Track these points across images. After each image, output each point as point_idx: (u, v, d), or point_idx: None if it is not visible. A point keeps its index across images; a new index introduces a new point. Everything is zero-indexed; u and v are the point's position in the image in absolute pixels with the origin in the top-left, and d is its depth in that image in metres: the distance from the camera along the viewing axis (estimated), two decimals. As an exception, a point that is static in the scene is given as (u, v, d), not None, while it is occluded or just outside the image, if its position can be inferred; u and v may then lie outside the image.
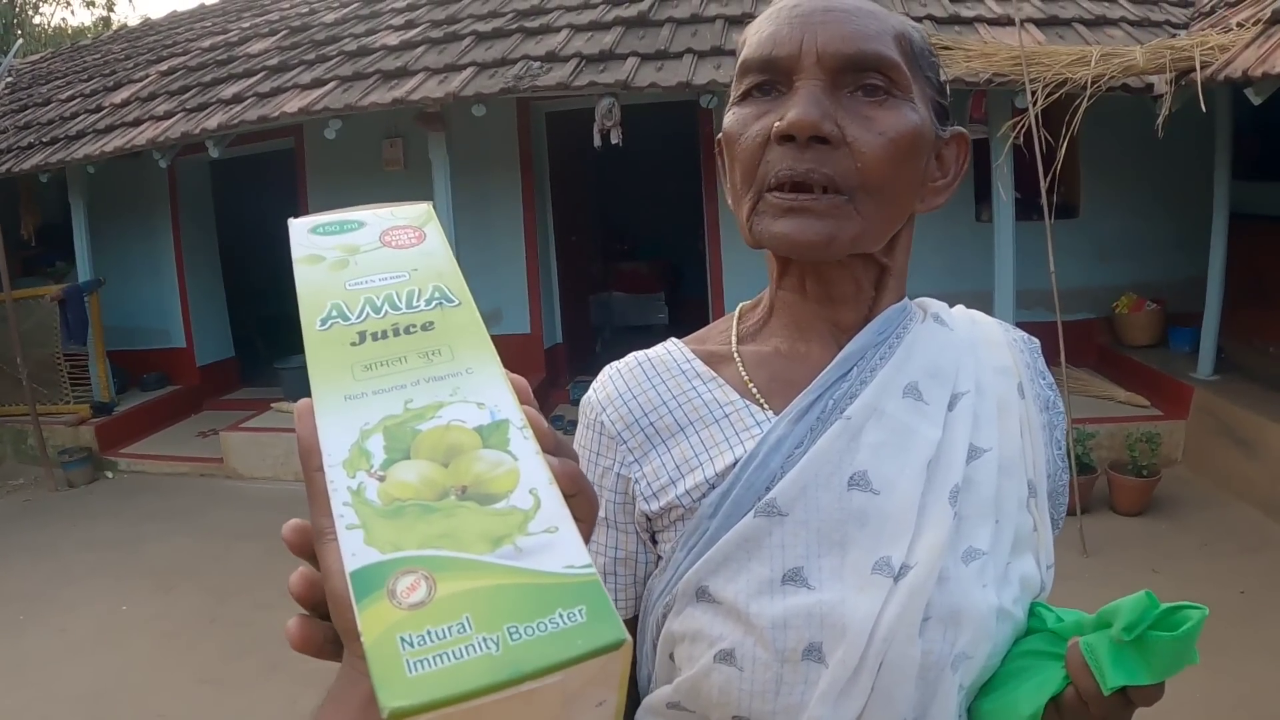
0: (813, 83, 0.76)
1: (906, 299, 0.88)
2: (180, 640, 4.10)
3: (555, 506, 0.37)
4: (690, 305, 8.50)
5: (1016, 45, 4.75)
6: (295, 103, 6.02)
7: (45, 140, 7.18)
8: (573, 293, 7.87)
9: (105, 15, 19.57)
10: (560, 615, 0.33)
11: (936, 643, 0.73)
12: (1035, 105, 4.51)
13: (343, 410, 0.39)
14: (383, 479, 0.37)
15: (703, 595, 0.78)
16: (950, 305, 0.92)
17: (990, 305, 5.54)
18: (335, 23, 7.63)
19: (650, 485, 0.83)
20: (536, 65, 5.76)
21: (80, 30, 18.76)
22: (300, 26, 7.85)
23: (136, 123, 6.77)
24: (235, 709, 3.56)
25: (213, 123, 6.18)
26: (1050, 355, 1.15)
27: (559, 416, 6.43)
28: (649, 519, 0.84)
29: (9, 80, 9.72)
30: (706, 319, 3.13)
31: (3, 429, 7.29)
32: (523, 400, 0.41)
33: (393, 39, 6.69)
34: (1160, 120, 4.63)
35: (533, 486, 0.37)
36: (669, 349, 0.90)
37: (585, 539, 0.37)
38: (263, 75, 6.77)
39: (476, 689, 0.31)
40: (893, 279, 0.85)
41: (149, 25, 11.12)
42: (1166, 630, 0.66)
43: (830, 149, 0.75)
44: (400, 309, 0.43)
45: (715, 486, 0.80)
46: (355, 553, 0.35)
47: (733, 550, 0.77)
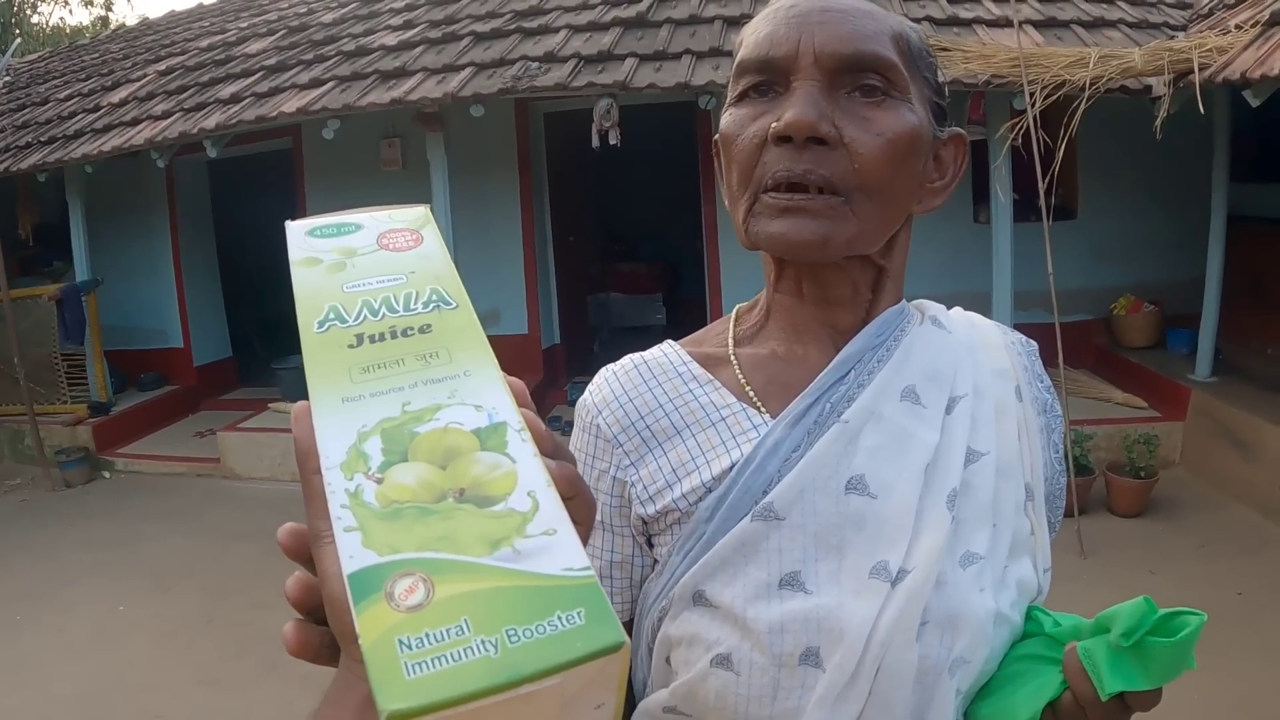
0: (810, 83, 0.75)
1: (904, 301, 0.87)
2: (178, 640, 4.10)
3: (553, 509, 0.37)
4: (688, 306, 8.50)
5: (1015, 47, 4.76)
6: (293, 103, 6.01)
7: (43, 140, 7.17)
8: (571, 293, 7.87)
9: (103, 15, 19.58)
10: (559, 618, 0.33)
11: (934, 647, 0.73)
12: (1033, 107, 4.51)
13: (340, 413, 0.39)
14: (380, 481, 0.37)
15: (699, 599, 0.77)
16: (948, 307, 0.92)
17: (988, 306, 5.54)
18: (333, 23, 7.62)
19: (646, 489, 0.83)
20: (535, 66, 5.76)
21: (78, 29, 18.74)
22: (298, 26, 7.85)
23: (134, 122, 6.76)
24: (233, 709, 3.55)
25: (210, 122, 6.17)
26: (1048, 357, 1.15)
27: (556, 417, 6.42)
28: (645, 522, 0.84)
29: (7, 80, 9.72)
30: (705, 320, 3.13)
31: (0, 429, 7.28)
32: (520, 403, 0.41)
33: (391, 39, 6.69)
34: (1158, 122, 4.64)
35: (531, 489, 0.37)
36: (665, 351, 0.89)
37: (583, 542, 0.36)
38: (261, 75, 6.76)
39: (475, 691, 0.31)
40: (890, 281, 0.84)
41: (147, 25, 11.11)
42: (1165, 636, 0.66)
43: (827, 150, 0.74)
44: (398, 311, 0.43)
45: (712, 490, 0.80)
46: (353, 555, 0.35)
47: (730, 554, 0.76)
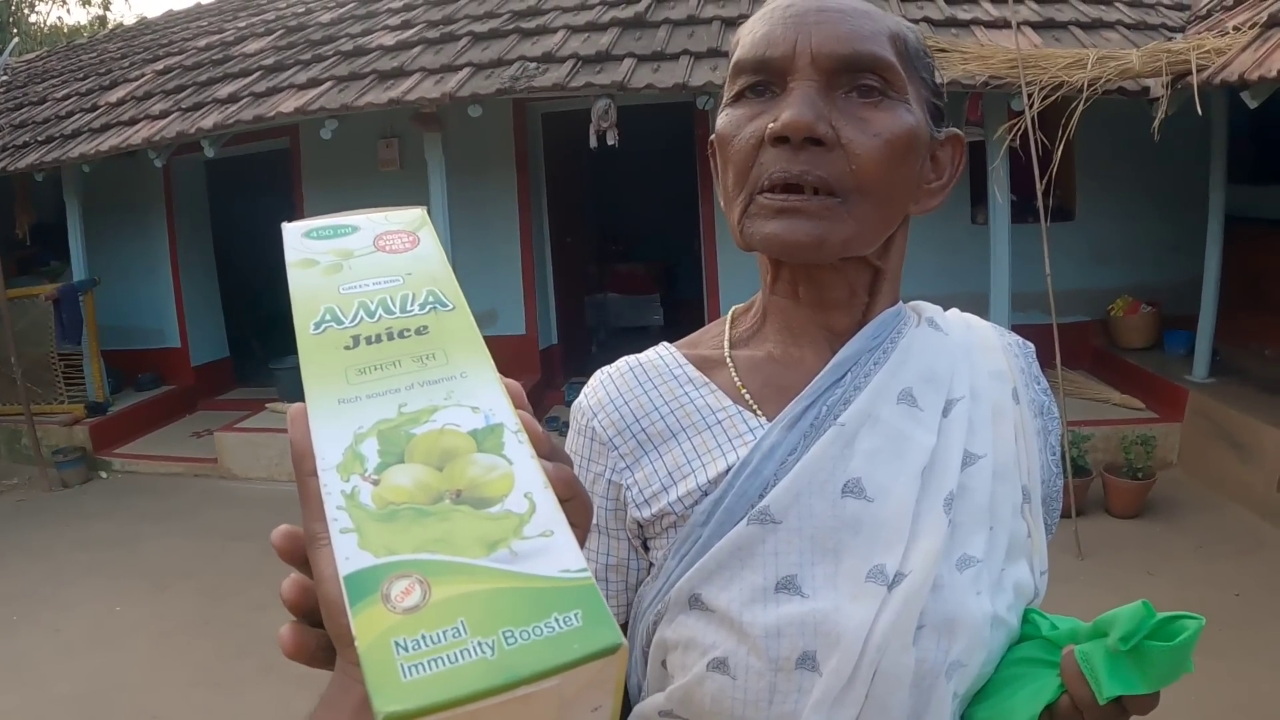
0: (807, 84, 0.75)
1: (901, 303, 0.86)
2: (175, 641, 4.09)
3: (550, 510, 0.37)
4: (686, 307, 8.50)
5: (1013, 48, 4.76)
6: (291, 102, 6.01)
7: (40, 139, 7.16)
8: (568, 294, 7.86)
9: (101, 14, 19.57)
10: (556, 619, 0.33)
11: (931, 651, 0.72)
12: (1031, 108, 4.52)
13: (336, 414, 0.39)
14: (377, 483, 0.37)
15: (695, 603, 0.77)
16: (945, 308, 0.92)
17: (986, 308, 5.55)
18: (331, 23, 7.62)
19: (642, 492, 0.83)
20: (533, 66, 5.76)
21: (76, 29, 18.72)
22: (296, 26, 7.84)
23: (132, 122, 6.75)
24: (230, 710, 3.55)
25: (208, 122, 6.17)
26: (1045, 358, 1.15)
27: (554, 418, 6.42)
28: (640, 526, 0.84)
29: (4, 79, 9.71)
30: (702, 320, 3.13)
31: (-3, 429, 7.28)
32: (517, 404, 0.41)
33: (389, 39, 6.69)
34: (1156, 123, 4.64)
35: (528, 490, 0.37)
36: (660, 354, 0.89)
37: (580, 544, 0.36)
38: (258, 75, 6.76)
39: (472, 693, 0.31)
40: (887, 282, 0.84)
41: (145, 24, 11.10)
42: (1163, 640, 0.66)
43: (824, 151, 0.74)
44: (394, 313, 0.43)
45: (708, 494, 0.79)
46: (349, 557, 0.34)
47: (726, 558, 0.76)
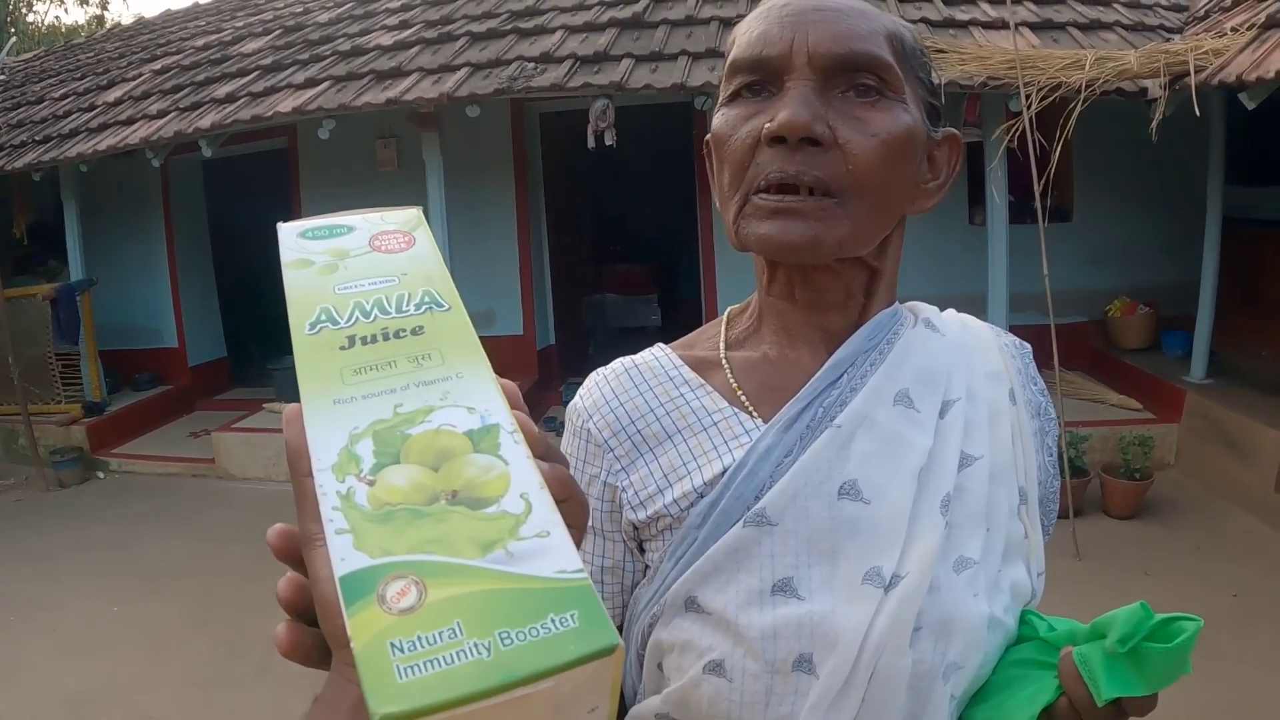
0: (804, 83, 0.74)
1: (897, 304, 0.86)
2: (171, 642, 4.08)
3: (546, 511, 0.36)
4: (684, 307, 8.51)
5: (1011, 49, 4.76)
6: (289, 102, 6.00)
7: (38, 139, 7.15)
8: (566, 294, 7.86)
9: (99, 13, 19.55)
10: (552, 620, 0.33)
11: (928, 653, 0.72)
12: (1029, 109, 4.52)
13: (332, 414, 0.39)
14: (372, 483, 0.36)
15: (691, 605, 0.77)
16: (943, 309, 0.91)
17: (983, 308, 5.55)
18: (329, 22, 7.62)
19: (637, 494, 0.82)
20: (531, 66, 5.76)
21: (74, 28, 18.70)
22: (294, 26, 7.84)
23: (130, 121, 6.75)
24: (226, 711, 3.54)
25: (206, 122, 6.16)
26: (1043, 358, 1.14)
27: (551, 418, 6.42)
28: (636, 528, 0.83)
29: (2, 78, 9.69)
30: (700, 321, 3.13)
31: (-6, 428, 7.26)
32: (513, 405, 0.40)
33: (387, 39, 6.69)
34: (1154, 124, 4.65)
35: (524, 491, 0.37)
36: (656, 355, 0.88)
37: (577, 545, 0.36)
38: (256, 75, 6.75)
39: (468, 695, 0.31)
40: (883, 283, 0.83)
41: (143, 24, 11.10)
42: (1161, 641, 0.66)
43: (821, 151, 0.73)
44: (390, 313, 0.43)
45: (703, 496, 0.79)
46: (344, 558, 0.34)
47: (722, 560, 0.76)
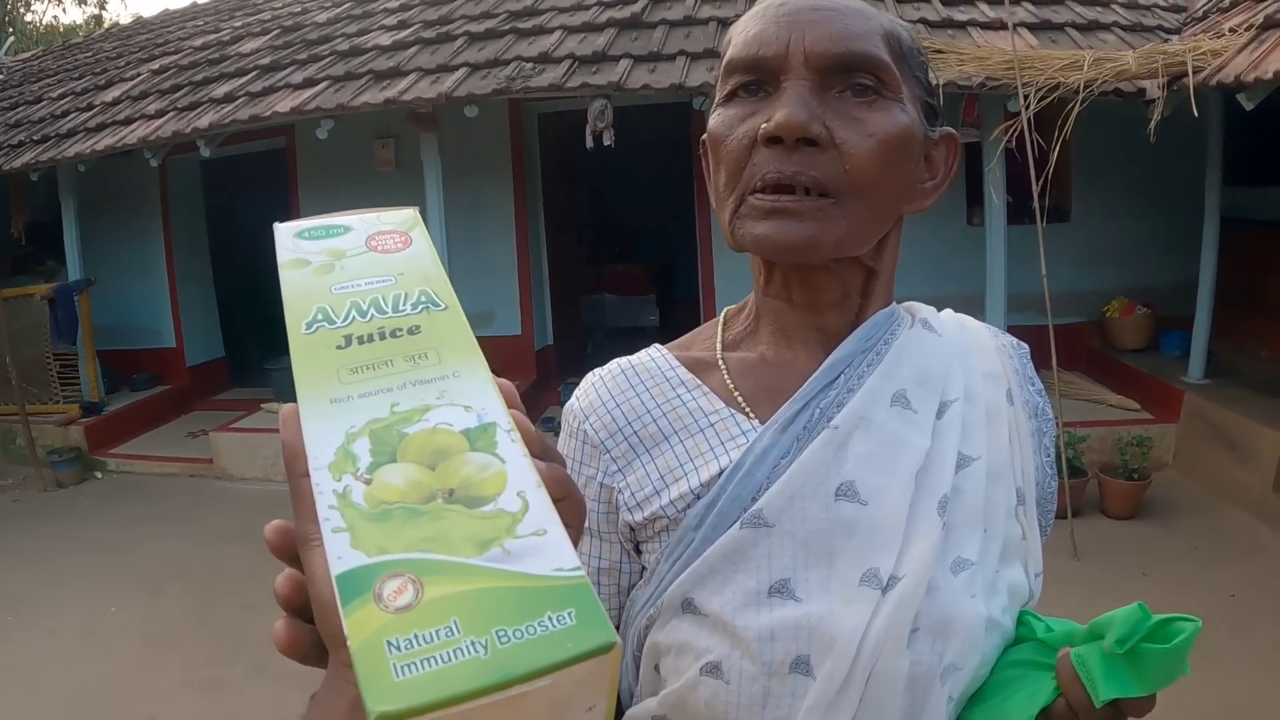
0: (800, 83, 0.74)
1: (894, 304, 0.86)
2: (169, 642, 4.08)
3: (543, 509, 0.36)
4: (682, 307, 8.51)
5: (1009, 49, 4.76)
6: (287, 102, 6.00)
7: (36, 138, 7.14)
8: (564, 294, 7.86)
9: (97, 13, 19.53)
10: (549, 618, 0.33)
11: (925, 654, 0.72)
12: (1028, 109, 4.52)
13: (328, 414, 0.39)
14: (369, 482, 0.36)
15: (688, 607, 0.77)
16: (940, 309, 0.91)
17: (981, 309, 5.56)
18: (327, 22, 7.61)
19: (634, 495, 0.82)
20: (529, 66, 5.76)
21: (72, 28, 18.68)
22: (292, 26, 7.84)
23: (128, 121, 6.74)
24: (224, 711, 3.54)
25: (204, 122, 6.16)
26: (1041, 359, 1.14)
27: (549, 418, 6.41)
28: (632, 529, 0.83)
29: (0, 78, 9.68)
30: (698, 321, 3.13)
31: (-8, 428, 7.25)
32: (509, 404, 0.40)
33: (385, 39, 6.68)
34: (1152, 125, 4.65)
35: (520, 489, 0.37)
36: (653, 355, 0.88)
37: (574, 544, 0.36)
38: (254, 74, 6.75)
39: (464, 693, 0.31)
40: (880, 283, 0.83)
41: (141, 24, 11.08)
42: (1159, 642, 0.66)
43: (818, 151, 0.73)
44: (386, 313, 0.43)
45: (700, 497, 0.79)
46: (341, 556, 0.34)
47: (719, 562, 0.76)
